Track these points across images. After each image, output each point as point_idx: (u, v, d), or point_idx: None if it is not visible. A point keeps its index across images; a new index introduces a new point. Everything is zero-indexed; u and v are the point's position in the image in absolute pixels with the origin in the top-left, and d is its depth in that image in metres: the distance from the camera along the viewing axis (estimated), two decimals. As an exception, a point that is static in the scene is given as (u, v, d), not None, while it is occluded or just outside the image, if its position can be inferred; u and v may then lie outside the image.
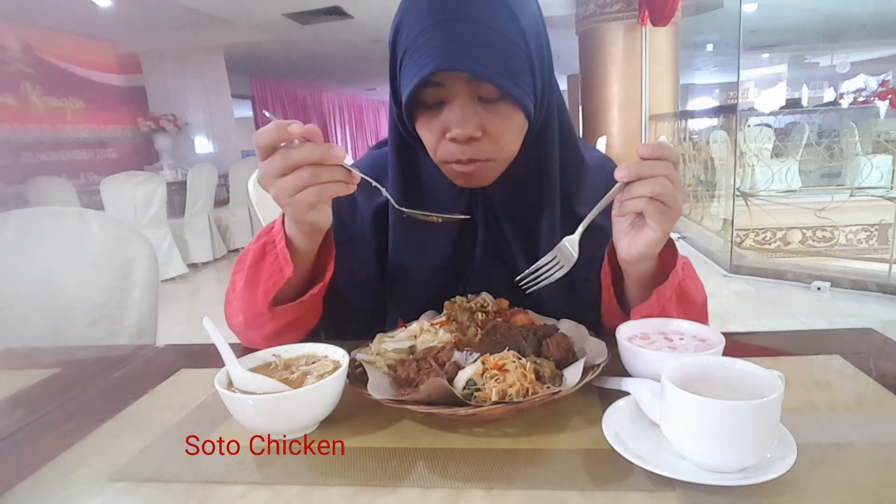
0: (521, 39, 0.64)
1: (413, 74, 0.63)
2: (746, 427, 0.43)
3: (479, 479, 0.48)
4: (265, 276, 0.69)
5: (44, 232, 1.20)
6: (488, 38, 0.62)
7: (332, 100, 14.58)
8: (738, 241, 4.28)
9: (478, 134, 0.66)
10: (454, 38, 0.62)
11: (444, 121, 0.66)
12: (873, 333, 0.75)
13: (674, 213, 0.61)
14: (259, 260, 0.69)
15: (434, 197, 0.77)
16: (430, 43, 0.62)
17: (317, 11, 6.44)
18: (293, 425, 0.56)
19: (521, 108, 0.66)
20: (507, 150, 0.70)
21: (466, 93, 0.65)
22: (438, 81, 0.64)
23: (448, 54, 0.61)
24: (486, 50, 0.62)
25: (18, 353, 1.00)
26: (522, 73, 0.65)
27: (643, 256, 0.64)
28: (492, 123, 0.66)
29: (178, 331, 3.44)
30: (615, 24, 6.90)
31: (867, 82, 8.62)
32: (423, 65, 0.62)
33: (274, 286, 0.69)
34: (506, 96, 0.65)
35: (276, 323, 0.72)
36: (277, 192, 0.60)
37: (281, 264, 0.68)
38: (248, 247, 0.73)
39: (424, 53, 0.62)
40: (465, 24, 0.62)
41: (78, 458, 0.56)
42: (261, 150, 0.59)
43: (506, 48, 0.63)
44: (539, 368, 0.57)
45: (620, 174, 0.59)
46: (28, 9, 5.52)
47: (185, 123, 7.16)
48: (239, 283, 0.72)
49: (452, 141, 0.66)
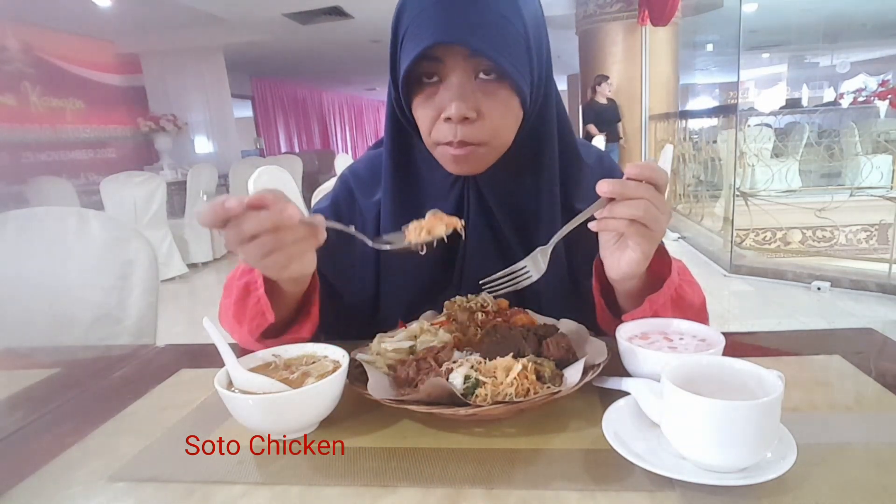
0: (520, 23, 0.65)
1: (412, 49, 0.64)
2: (746, 427, 0.43)
3: (479, 479, 0.48)
4: (249, 316, 0.68)
5: (44, 232, 1.20)
6: (488, 16, 0.64)
7: (332, 100, 14.59)
8: (738, 241, 4.28)
9: (472, 115, 0.66)
10: (454, 14, 0.63)
11: (441, 100, 0.67)
12: (873, 333, 0.75)
13: (655, 236, 0.61)
14: (244, 297, 0.68)
15: (427, 188, 0.77)
16: (430, 19, 0.64)
17: (317, 11, 6.44)
18: (293, 425, 0.56)
19: (517, 93, 0.67)
20: (501, 135, 0.70)
21: (464, 71, 0.66)
22: (437, 56, 0.65)
23: (447, 28, 0.63)
24: (485, 27, 0.63)
25: (18, 353, 1.00)
26: (520, 56, 0.66)
27: (627, 276, 0.65)
28: (487, 105, 0.66)
29: (178, 331, 3.44)
30: (615, 24, 6.91)
31: (867, 82, 8.63)
32: (422, 38, 0.63)
33: (258, 327, 0.68)
34: (502, 78, 0.65)
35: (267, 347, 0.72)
36: (246, 258, 0.58)
37: (262, 308, 0.67)
38: (233, 274, 0.71)
39: (424, 28, 0.64)
40: (465, 3, 0.63)
41: (78, 458, 0.56)
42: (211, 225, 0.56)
43: (505, 28, 0.64)
44: (539, 368, 0.57)
45: (603, 189, 0.59)
46: (28, 9, 5.52)
47: (185, 123, 7.17)
48: (228, 310, 0.71)
49: (447, 121, 0.66)
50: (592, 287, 0.72)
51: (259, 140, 11.32)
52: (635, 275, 0.65)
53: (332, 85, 13.61)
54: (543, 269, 0.67)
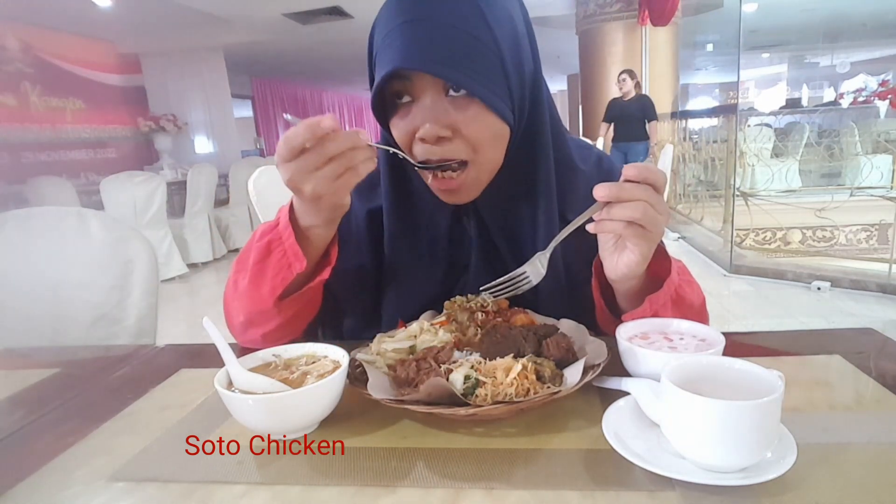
0: (490, 41, 0.64)
1: (380, 70, 0.64)
2: (746, 427, 0.43)
3: (479, 479, 0.48)
4: (271, 274, 0.69)
5: (44, 232, 1.20)
6: (453, 36, 0.62)
7: (332, 100, 14.60)
8: (738, 241, 4.28)
9: (446, 133, 0.65)
10: (417, 37, 0.62)
11: (414, 119, 0.66)
12: (873, 333, 0.75)
13: (653, 237, 0.61)
14: (264, 257, 0.69)
15: (423, 205, 0.77)
16: (393, 43, 0.63)
17: (317, 11, 6.45)
18: (293, 425, 0.56)
19: (493, 110, 0.65)
20: (482, 152, 0.68)
21: (434, 91, 0.65)
22: (405, 78, 0.65)
23: (409, 53, 0.62)
24: (450, 49, 0.62)
25: (18, 353, 1.00)
26: (492, 74, 0.65)
27: (626, 277, 0.65)
28: (462, 122, 0.65)
29: (178, 331, 3.44)
30: (615, 23, 6.92)
31: (867, 82, 8.63)
32: (386, 63, 0.63)
33: (282, 282, 0.69)
34: (473, 94, 0.64)
35: (282, 317, 0.72)
36: (316, 185, 0.59)
37: (290, 260, 0.67)
38: (247, 245, 0.72)
39: (388, 53, 0.63)
40: (428, 24, 0.62)
41: (78, 458, 0.56)
42: (293, 151, 0.58)
43: (472, 48, 0.63)
44: (539, 368, 0.57)
45: (600, 193, 0.59)
46: (28, 9, 5.52)
47: (185, 123, 7.18)
48: (242, 281, 0.72)
49: (422, 141, 0.66)
50: (592, 288, 0.72)
51: (259, 140, 11.34)
52: (634, 275, 0.65)
53: (332, 85, 13.61)
54: (543, 273, 0.68)
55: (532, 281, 0.68)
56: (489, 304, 0.71)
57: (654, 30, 6.69)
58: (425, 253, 0.78)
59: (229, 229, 5.98)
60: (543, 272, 0.68)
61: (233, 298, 0.75)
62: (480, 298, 0.72)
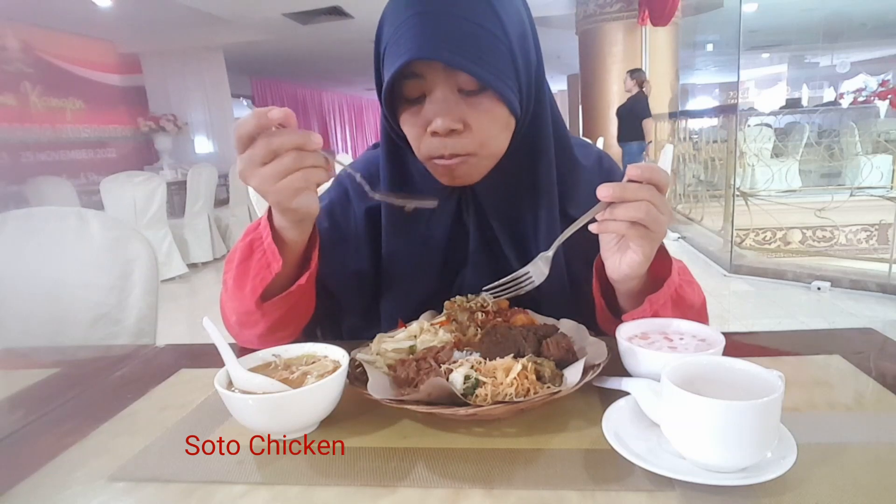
0: (501, 32, 0.64)
1: (391, 65, 0.64)
2: (746, 427, 0.43)
3: (479, 479, 0.48)
4: (252, 274, 0.69)
5: (44, 232, 1.20)
6: (465, 28, 0.63)
7: (332, 100, 14.59)
8: (738, 241, 4.28)
9: (458, 126, 0.65)
10: (430, 29, 0.62)
11: (426, 114, 0.66)
12: (873, 333, 0.75)
13: (656, 237, 0.61)
14: (247, 258, 0.69)
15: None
16: (406, 34, 0.63)
17: (317, 11, 6.44)
18: (293, 425, 0.56)
19: (503, 101, 0.66)
20: (491, 145, 0.69)
21: (446, 84, 0.65)
22: (418, 73, 0.65)
23: (423, 44, 0.62)
24: (462, 40, 0.62)
25: (18, 353, 1.00)
26: (502, 65, 0.65)
27: (628, 277, 0.65)
28: (473, 116, 0.66)
29: (178, 331, 3.44)
30: (615, 23, 6.92)
31: (867, 82, 8.63)
32: (398, 56, 0.63)
33: (261, 282, 0.68)
34: (486, 88, 0.65)
35: (268, 319, 0.72)
36: (261, 181, 0.59)
37: (269, 259, 0.67)
38: (235, 245, 0.72)
39: (401, 45, 0.63)
40: (441, 16, 0.63)
41: (78, 458, 0.56)
42: (241, 140, 0.59)
43: (484, 39, 0.63)
44: (539, 368, 0.57)
45: (603, 193, 0.59)
46: (28, 9, 5.52)
47: (185, 123, 7.17)
48: (229, 282, 0.72)
49: (434, 135, 0.66)
50: (593, 289, 0.72)
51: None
52: (636, 276, 0.65)
53: (332, 85, 13.61)
54: (545, 274, 0.68)
55: (535, 281, 0.68)
56: (489, 304, 0.71)
57: (654, 30, 6.69)
58: (424, 249, 0.78)
59: (229, 229, 5.98)
60: (546, 272, 0.68)
61: (226, 299, 0.75)
62: (480, 298, 0.72)
